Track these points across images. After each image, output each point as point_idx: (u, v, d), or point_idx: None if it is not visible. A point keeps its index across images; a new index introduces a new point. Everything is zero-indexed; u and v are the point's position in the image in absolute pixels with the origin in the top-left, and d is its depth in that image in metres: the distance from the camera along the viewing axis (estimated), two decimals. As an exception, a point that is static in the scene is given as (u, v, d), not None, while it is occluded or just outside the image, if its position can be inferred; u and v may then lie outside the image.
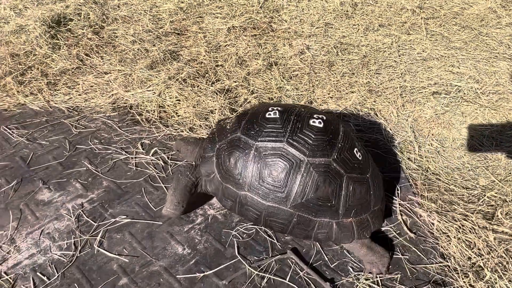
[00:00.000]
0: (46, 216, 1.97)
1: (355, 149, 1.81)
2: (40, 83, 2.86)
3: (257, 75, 3.03)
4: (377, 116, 2.68)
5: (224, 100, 2.74)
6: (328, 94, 2.86)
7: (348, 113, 2.70)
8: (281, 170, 1.70)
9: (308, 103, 2.79)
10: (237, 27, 3.56)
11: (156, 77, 2.92)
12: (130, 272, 1.74)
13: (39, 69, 2.98)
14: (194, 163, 2.01)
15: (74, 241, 1.85)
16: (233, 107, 2.72)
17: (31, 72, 2.96)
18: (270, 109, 1.85)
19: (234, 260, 1.80)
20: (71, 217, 1.97)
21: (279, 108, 1.84)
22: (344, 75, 3.05)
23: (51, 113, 2.65)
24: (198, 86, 2.87)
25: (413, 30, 3.63)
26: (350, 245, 1.81)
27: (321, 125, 1.77)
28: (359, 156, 1.81)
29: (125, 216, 1.98)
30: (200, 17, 3.78)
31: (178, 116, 2.64)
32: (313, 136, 1.74)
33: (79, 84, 2.89)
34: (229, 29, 3.54)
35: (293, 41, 3.47)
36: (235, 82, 2.94)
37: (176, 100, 2.74)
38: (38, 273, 1.72)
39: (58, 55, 3.11)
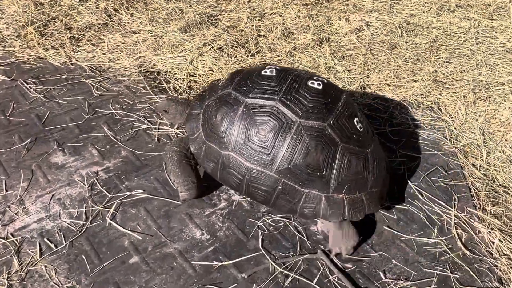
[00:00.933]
0: (58, 180, 2.12)
1: (356, 118, 1.85)
2: (62, 37, 3.03)
3: (304, 51, 3.06)
4: (440, 112, 2.66)
5: (264, 75, 2.80)
6: (386, 80, 2.85)
7: (407, 104, 2.69)
8: (270, 129, 1.76)
9: (361, 88, 2.80)
10: (287, -7, 3.59)
11: (190, 42, 3.02)
12: (142, 251, 1.85)
13: (63, 21, 3.15)
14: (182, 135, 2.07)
15: (85, 210, 1.99)
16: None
17: (54, 24, 3.13)
18: (267, 67, 1.92)
19: (256, 253, 1.87)
20: (84, 184, 2.10)
21: (277, 67, 1.91)
22: (407, 61, 3.03)
23: (72, 71, 2.81)
24: (235, 57, 2.94)
25: (497, 15, 3.53)
26: (332, 225, 1.86)
27: (320, 87, 1.82)
28: (360, 127, 1.85)
29: (142, 191, 2.09)
30: (246, -22, 3.83)
31: (210, 88, 2.72)
32: (309, 97, 1.79)
33: (104, 42, 3.03)
34: (277, -5, 3.58)
35: (351, 15, 3.46)
36: (278, 56, 2.99)
37: (209, 70, 2.82)
38: (45, 239, 1.86)
39: (85, 8, 3.26)
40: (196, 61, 2.87)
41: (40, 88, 2.65)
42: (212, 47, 2.97)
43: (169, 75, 2.80)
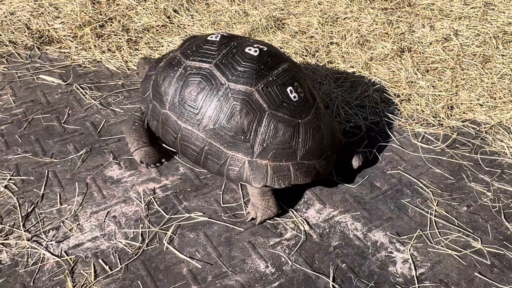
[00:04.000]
0: (114, 196, 2.21)
1: (290, 87, 2.03)
2: (120, 39, 3.17)
3: (382, 62, 3.04)
4: (544, 139, 2.55)
5: (336, 88, 2.80)
6: (477, 100, 2.77)
7: (503, 129, 2.60)
8: (199, 90, 2.01)
9: (448, 107, 2.74)
10: (363, -5, 3.58)
11: (255, 48, 3.07)
12: (201, 280, 1.89)
13: (121, 22, 3.30)
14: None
15: (141, 231, 2.06)
16: (346, 98, 2.77)
17: (111, 25, 3.29)
18: (215, 33, 2.19)
19: (326, 293, 1.87)
20: (140, 203, 2.19)
21: (224, 34, 2.17)
22: (504, 77, 2.93)
23: (128, 77, 2.93)
24: (304, 67, 2.96)
25: None
26: (253, 188, 2.06)
27: (255, 54, 2.04)
28: (294, 97, 2.03)
29: (201, 213, 2.15)
30: (317, -22, 3.86)
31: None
32: (242, 62, 2.01)
33: (162, 45, 3.15)
34: (352, -3, 3.58)
35: (436, 22, 3.40)
36: (353, 67, 2.99)
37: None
38: (100, 260, 1.94)
39: (144, 8, 3.40)
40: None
41: (96, 94, 2.79)
42: (279, 55, 3.00)
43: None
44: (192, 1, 3.53)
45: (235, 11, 3.43)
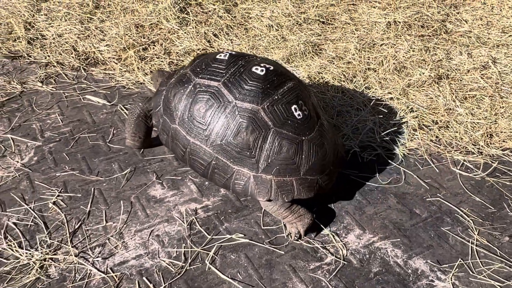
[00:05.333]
0: (157, 215, 2.27)
1: (294, 106, 2.12)
2: (162, 61, 3.27)
3: (420, 89, 3.05)
4: None
5: (373, 115, 2.82)
6: (518, 128, 2.76)
7: (545, 159, 2.57)
8: (208, 107, 2.11)
9: (487, 136, 2.72)
10: (399, 22, 3.61)
11: (294, 73, 3.12)
12: (242, 302, 1.92)
13: (163, 45, 3.40)
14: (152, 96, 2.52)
15: (184, 251, 2.10)
16: (384, 123, 2.79)
17: (153, 48, 3.39)
18: (224, 52, 2.28)
19: (367, 320, 1.87)
20: (183, 222, 2.23)
21: (232, 52, 2.27)
22: (544, 106, 2.91)
23: (170, 98, 3.01)
24: (342, 92, 2.99)
25: None
26: (269, 205, 2.15)
27: (262, 73, 2.13)
28: (298, 115, 2.12)
29: (242, 235, 2.18)
30: (353, 4, 3.92)
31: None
32: (249, 81, 2.11)
33: (203, 68, 3.23)
34: (389, 23, 3.61)
35: (474, 50, 3.40)
36: (390, 93, 3.01)
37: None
38: (144, 278, 1.99)
39: (185, 32, 3.51)
40: (300, 94, 2.96)
41: (139, 115, 2.88)
42: (318, 80, 3.05)
43: (270, 109, 2.91)
44: (231, 26, 3.62)
45: (273, 36, 3.50)
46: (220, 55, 2.25)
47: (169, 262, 2.06)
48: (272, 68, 2.18)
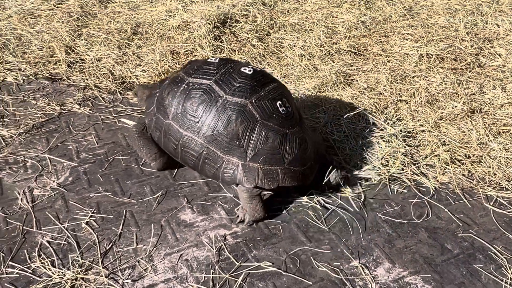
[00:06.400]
0: (186, 240, 2.29)
1: (279, 102, 2.35)
2: (195, 87, 3.34)
3: (452, 122, 3.02)
4: None
5: (404, 147, 2.81)
6: (554, 166, 2.70)
7: None
8: (200, 101, 2.31)
9: (522, 172, 2.67)
10: (432, 55, 3.61)
11: (325, 103, 3.15)
12: (269, 332, 1.90)
13: (197, 72, 3.48)
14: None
15: (212, 276, 2.11)
16: (415, 156, 2.77)
17: (188, 74, 3.47)
18: (214, 57, 2.49)
19: None
20: (212, 248, 2.25)
21: (221, 57, 2.49)
22: None
23: (202, 124, 3.06)
24: (373, 123, 2.99)
25: None
26: (243, 191, 2.32)
27: (250, 73, 2.36)
28: (282, 110, 2.34)
29: (270, 263, 2.17)
30: (386, 36, 3.94)
31: (338, 157, 2.78)
32: (238, 79, 2.34)
33: (235, 95, 3.28)
34: (421, 56, 3.62)
35: (508, 84, 3.37)
36: (422, 126, 2.99)
37: (344, 135, 2.90)
38: (172, 302, 2.00)
39: (219, 60, 3.58)
40: (330, 124, 2.98)
41: (172, 139, 2.93)
42: (349, 111, 3.06)
43: (300, 137, 2.92)
44: (264, 54, 3.68)
45: (305, 66, 3.54)
46: (211, 59, 2.49)
47: (197, 287, 2.07)
48: (258, 69, 2.44)
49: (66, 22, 3.95)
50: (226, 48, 3.69)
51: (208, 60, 2.50)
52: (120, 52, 3.65)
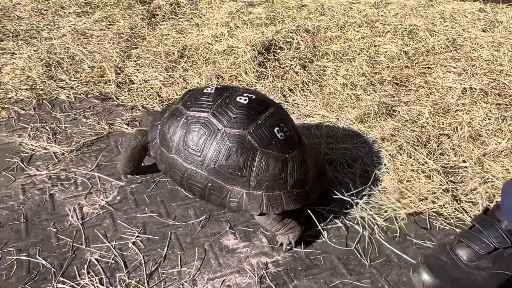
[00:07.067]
0: (229, 265, 2.34)
1: (276, 128, 2.41)
2: (239, 112, 3.41)
3: (496, 159, 3.00)
4: None
5: (446, 183, 2.80)
6: None
7: None
8: (200, 135, 2.40)
9: None
10: (475, 89, 3.60)
11: (367, 133, 3.17)
12: None
13: (241, 97, 3.56)
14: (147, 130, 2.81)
15: (254, 304, 2.15)
16: (456, 192, 2.76)
17: (232, 99, 3.55)
18: (210, 86, 2.61)
19: None
20: (254, 275, 2.29)
21: (217, 86, 2.58)
22: None
23: (245, 149, 3.13)
24: (416, 159, 2.99)
25: None
26: (262, 219, 2.43)
27: (245, 102, 2.43)
28: (281, 136, 2.41)
29: (311, 294, 2.20)
30: (428, 68, 3.95)
31: (382, 192, 2.80)
32: (234, 110, 2.41)
33: (277, 122, 3.34)
34: (464, 90, 3.61)
35: (554, 122, 3.33)
36: (465, 161, 2.98)
37: (385, 168, 2.92)
38: (214, 328, 2.05)
39: (262, 85, 3.66)
40: (371, 156, 3.00)
41: (215, 163, 3.00)
42: (391, 143, 3.08)
43: (340, 166, 2.95)
44: (306, 82, 3.74)
45: (347, 95, 3.58)
46: (207, 89, 2.56)
47: (239, 314, 2.11)
48: (254, 97, 2.49)
49: (117, 43, 4.12)
50: (270, 75, 3.77)
51: (205, 91, 2.56)
52: (167, 74, 3.77)
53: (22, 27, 4.41)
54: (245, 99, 2.46)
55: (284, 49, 4.10)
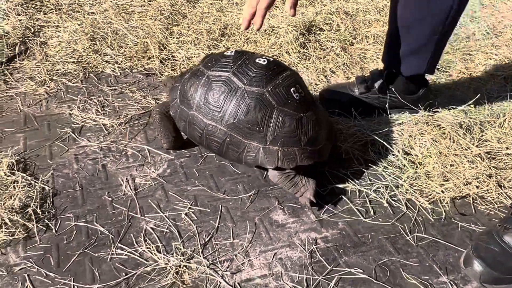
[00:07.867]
0: (279, 239, 2.40)
1: (292, 89, 2.53)
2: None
3: (539, 147, 3.01)
4: None
5: (490, 169, 2.82)
6: None
7: None
8: (221, 92, 2.50)
9: None
10: (518, 77, 3.58)
11: (408, 117, 3.19)
12: (362, 336, 1.99)
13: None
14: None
15: (306, 277, 2.22)
16: (500, 179, 2.78)
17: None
18: (230, 49, 2.70)
19: None
20: (304, 250, 2.35)
21: (237, 50, 2.67)
22: None
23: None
24: (456, 142, 3.01)
25: None
26: (275, 175, 2.58)
27: (264, 63, 2.55)
28: (296, 96, 2.53)
29: (361, 271, 2.26)
30: (469, 54, 3.92)
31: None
32: (254, 70, 2.52)
33: (320, 103, 3.37)
34: (506, 77, 3.59)
35: None
36: (508, 148, 2.99)
37: (427, 152, 2.94)
38: (269, 298, 2.13)
39: (305, 66, 3.68)
40: (414, 139, 3.02)
41: (260, 141, 3.05)
42: (433, 128, 3.10)
43: (383, 148, 2.99)
44: (348, 64, 3.75)
45: (389, 79, 3.59)
46: (227, 52, 2.66)
47: (292, 286, 2.18)
48: (272, 59, 2.62)
49: (158, 20, 4.15)
50: (311, 56, 3.78)
51: (225, 53, 2.68)
52: (209, 52, 3.80)
53: (65, 1, 4.46)
54: (264, 61, 2.58)
55: (325, 30, 4.11)
